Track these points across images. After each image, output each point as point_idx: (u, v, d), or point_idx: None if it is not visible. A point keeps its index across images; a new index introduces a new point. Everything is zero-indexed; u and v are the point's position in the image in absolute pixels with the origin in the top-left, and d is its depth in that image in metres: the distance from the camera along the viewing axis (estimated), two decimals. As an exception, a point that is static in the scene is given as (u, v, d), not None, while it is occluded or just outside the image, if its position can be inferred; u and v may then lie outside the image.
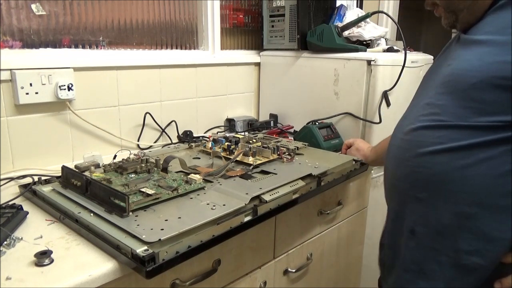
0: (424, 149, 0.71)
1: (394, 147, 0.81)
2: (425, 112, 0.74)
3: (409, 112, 0.82)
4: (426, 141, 0.71)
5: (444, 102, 0.70)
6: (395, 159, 0.79)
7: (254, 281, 0.99)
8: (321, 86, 1.50)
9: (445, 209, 0.70)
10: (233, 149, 1.16)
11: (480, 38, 0.69)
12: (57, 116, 1.16)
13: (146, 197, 0.82)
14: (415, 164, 0.73)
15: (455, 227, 0.70)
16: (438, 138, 0.70)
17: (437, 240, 0.72)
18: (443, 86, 0.72)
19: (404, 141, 0.77)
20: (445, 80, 0.72)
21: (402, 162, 0.77)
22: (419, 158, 0.72)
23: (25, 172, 1.06)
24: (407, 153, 0.75)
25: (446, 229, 0.70)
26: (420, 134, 0.73)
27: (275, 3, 1.61)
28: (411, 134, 0.75)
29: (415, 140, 0.74)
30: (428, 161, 0.71)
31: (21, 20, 1.09)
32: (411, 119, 0.77)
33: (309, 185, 1.00)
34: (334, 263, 1.31)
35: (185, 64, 1.47)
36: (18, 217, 0.78)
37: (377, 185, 1.46)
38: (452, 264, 0.71)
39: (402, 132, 0.79)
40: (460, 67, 0.69)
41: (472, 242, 0.68)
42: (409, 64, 1.41)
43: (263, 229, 0.97)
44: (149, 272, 0.64)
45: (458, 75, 0.69)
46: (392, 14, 2.29)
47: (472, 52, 0.69)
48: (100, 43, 1.28)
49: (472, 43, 0.70)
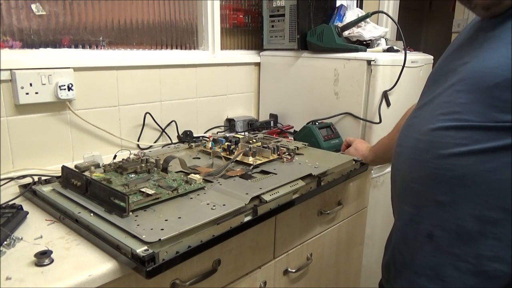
0: (447, 150, 0.68)
1: (408, 148, 0.77)
2: (444, 111, 0.70)
3: (422, 110, 0.78)
4: (448, 142, 0.68)
5: (465, 100, 0.67)
6: (410, 160, 0.76)
7: (254, 281, 0.99)
8: (321, 86, 1.50)
9: (467, 213, 0.67)
10: (233, 149, 1.16)
11: (504, 34, 0.65)
12: (57, 116, 1.16)
13: (146, 197, 0.82)
14: (436, 166, 0.70)
15: (477, 232, 0.67)
16: (462, 139, 0.66)
17: (457, 245, 0.69)
18: (462, 84, 0.68)
19: (421, 142, 0.73)
20: (464, 77, 0.68)
21: (420, 164, 0.73)
22: (441, 159, 0.69)
23: (25, 172, 1.06)
24: (427, 154, 0.71)
25: (468, 234, 0.67)
26: (441, 135, 0.69)
27: (275, 3, 1.61)
28: (430, 134, 0.71)
29: (435, 141, 0.70)
30: (451, 163, 0.68)
31: (21, 20, 1.09)
32: (428, 118, 0.73)
33: (309, 185, 1.00)
34: (334, 263, 1.31)
35: (185, 64, 1.47)
36: (18, 217, 0.78)
37: (377, 185, 1.46)
38: (472, 270, 0.68)
39: (417, 132, 0.75)
40: (484, 65, 0.66)
41: (495, 248, 0.65)
42: (409, 64, 1.41)
43: (263, 229, 0.97)
44: (149, 272, 0.64)
45: (481, 72, 0.65)
46: (392, 14, 2.29)
47: (495, 50, 0.66)
48: (100, 43, 1.28)
49: (494, 40, 0.67)
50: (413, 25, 3.77)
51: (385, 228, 1.52)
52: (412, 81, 1.49)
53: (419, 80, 1.53)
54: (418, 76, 1.53)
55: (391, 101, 1.40)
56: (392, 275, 0.83)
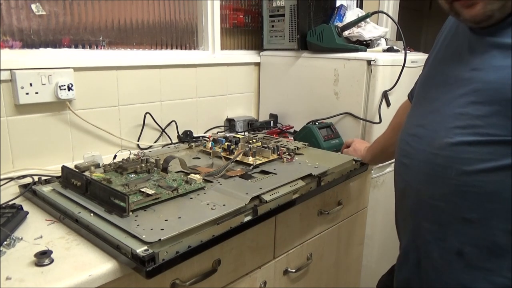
0: (472, 167, 0.66)
1: (421, 162, 0.74)
2: (461, 124, 0.67)
3: (427, 120, 0.75)
4: (473, 158, 0.66)
5: (483, 113, 0.65)
6: (427, 176, 0.73)
7: (254, 281, 0.99)
8: (321, 86, 1.50)
9: (498, 228, 0.66)
10: (233, 149, 1.16)
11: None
12: (57, 116, 1.16)
13: (146, 197, 0.82)
14: (461, 183, 0.67)
15: (510, 245, 0.65)
16: (487, 154, 0.64)
17: (490, 260, 0.67)
18: (476, 95, 0.66)
19: (439, 157, 0.70)
20: (479, 88, 0.66)
21: (440, 180, 0.70)
22: (466, 176, 0.67)
23: (25, 172, 1.06)
24: (448, 171, 0.69)
25: (500, 248, 0.66)
26: (463, 150, 0.67)
27: (275, 3, 1.61)
28: (449, 149, 0.69)
29: (457, 157, 0.67)
30: (478, 180, 0.66)
31: (21, 20, 1.09)
32: (441, 131, 0.70)
33: (309, 185, 1.00)
34: (334, 263, 1.31)
35: (185, 64, 1.47)
36: (18, 217, 0.78)
37: (377, 185, 1.46)
38: (506, 284, 0.67)
39: (431, 146, 0.72)
40: (499, 75, 0.64)
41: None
42: (409, 64, 1.41)
43: (263, 229, 0.97)
44: (149, 272, 0.64)
45: (498, 83, 0.63)
46: (392, 14, 2.29)
47: (506, 58, 0.63)
48: (100, 43, 1.28)
49: (505, 48, 0.64)
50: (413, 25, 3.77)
51: (385, 228, 1.52)
52: (412, 81, 1.48)
53: (419, 80, 1.53)
54: (418, 76, 1.52)
55: (391, 101, 1.40)
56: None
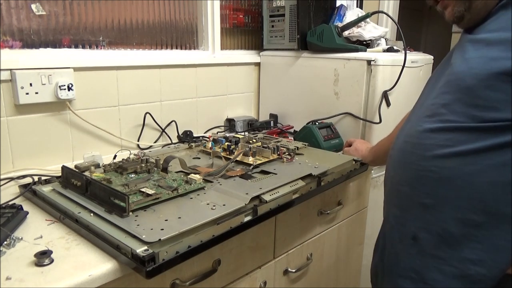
0: (431, 152, 0.69)
1: (397, 151, 0.78)
2: (429, 113, 0.71)
3: (413, 114, 0.79)
4: (433, 143, 0.69)
5: (448, 101, 0.68)
6: (398, 162, 0.77)
7: (254, 281, 0.99)
8: (321, 86, 1.50)
9: (451, 216, 0.67)
10: (233, 149, 1.16)
11: (484, 36, 0.67)
12: (57, 116, 1.16)
13: (146, 197, 0.82)
14: (421, 168, 0.70)
15: (461, 235, 0.67)
16: (445, 140, 0.67)
17: (441, 248, 0.69)
18: (446, 85, 0.70)
19: (408, 144, 0.74)
20: (448, 79, 0.70)
21: (406, 166, 0.74)
22: (426, 161, 0.70)
23: (25, 172, 1.06)
24: (412, 157, 0.72)
25: (452, 237, 0.68)
26: (426, 137, 0.70)
27: (275, 3, 1.61)
28: (416, 136, 0.72)
29: (421, 143, 0.71)
30: (435, 165, 0.68)
31: (21, 20, 1.09)
32: (415, 121, 0.74)
33: (309, 185, 1.00)
34: (334, 263, 1.31)
35: (185, 64, 1.47)
36: (18, 217, 0.78)
37: (377, 185, 1.46)
38: (455, 274, 0.68)
39: (405, 135, 0.76)
40: (465, 66, 0.67)
41: (478, 252, 0.66)
42: (409, 64, 1.41)
43: (263, 229, 0.97)
44: (149, 272, 0.64)
45: (463, 73, 0.67)
46: (392, 14, 2.29)
47: (476, 51, 0.67)
48: (100, 43, 1.28)
49: (476, 42, 0.68)
50: (413, 25, 3.77)
51: (385, 228, 1.52)
52: (412, 81, 1.49)
53: (419, 80, 1.53)
54: (418, 76, 1.53)
55: (391, 101, 1.40)
56: (379, 279, 0.83)
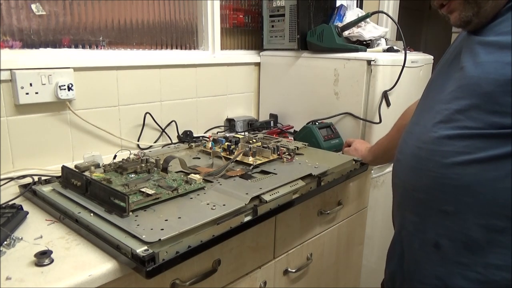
0: (450, 159, 0.67)
1: (409, 156, 0.76)
2: (443, 119, 0.70)
3: (421, 117, 0.77)
4: (451, 150, 0.67)
5: (464, 107, 0.67)
6: (410, 168, 0.75)
7: (254, 281, 0.99)
8: (321, 86, 1.50)
9: (474, 223, 0.67)
10: (233, 149, 1.16)
11: (496, 39, 0.65)
12: (57, 116, 1.16)
13: (146, 197, 0.82)
14: (440, 175, 0.69)
15: (484, 241, 0.66)
16: (464, 147, 0.66)
17: (465, 254, 0.68)
18: (459, 90, 0.68)
19: (423, 150, 0.72)
20: (462, 84, 0.68)
21: (422, 172, 0.72)
22: (445, 169, 0.68)
23: (25, 172, 1.06)
24: (429, 164, 0.71)
25: (475, 243, 0.67)
26: (443, 143, 0.69)
27: (275, 3, 1.61)
28: (431, 142, 0.71)
29: (438, 150, 0.69)
30: (455, 172, 0.67)
31: (21, 20, 1.09)
32: (428, 126, 0.73)
33: (309, 185, 1.00)
34: (334, 263, 1.31)
35: (185, 64, 1.47)
36: (18, 217, 0.78)
37: (377, 185, 1.46)
38: (480, 280, 0.67)
39: (418, 140, 0.74)
40: (480, 70, 0.66)
41: (502, 257, 0.65)
42: (409, 64, 1.41)
43: (263, 229, 0.97)
44: (149, 272, 0.64)
45: (478, 78, 0.65)
46: (392, 14, 2.29)
47: (489, 54, 0.65)
48: (100, 43, 1.28)
49: (487, 45, 0.67)
50: (413, 25, 3.76)
51: (385, 228, 1.52)
52: (412, 81, 1.49)
53: (419, 80, 1.53)
54: (418, 76, 1.53)
55: (391, 101, 1.40)
56: (398, 285, 0.82)
